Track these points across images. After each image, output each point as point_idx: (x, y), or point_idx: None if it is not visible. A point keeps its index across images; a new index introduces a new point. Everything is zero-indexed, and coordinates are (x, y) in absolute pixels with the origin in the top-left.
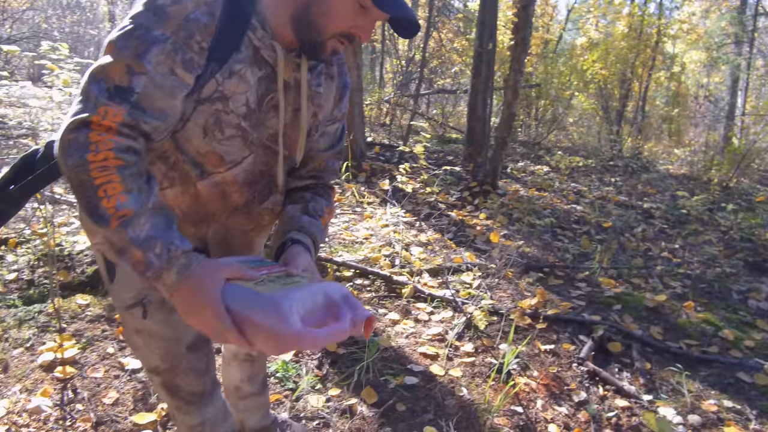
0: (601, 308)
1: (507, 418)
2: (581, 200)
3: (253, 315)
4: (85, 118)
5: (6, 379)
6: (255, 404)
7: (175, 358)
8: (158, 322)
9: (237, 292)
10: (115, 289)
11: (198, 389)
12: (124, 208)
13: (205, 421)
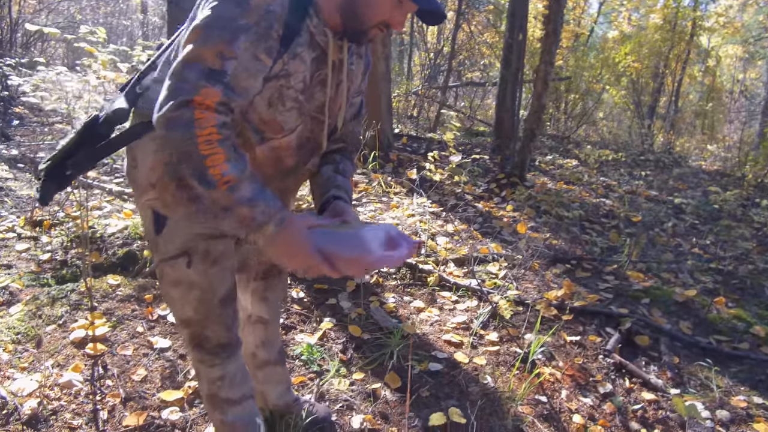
0: (629, 301)
1: (531, 407)
2: (610, 194)
3: (340, 249)
4: (187, 99)
5: (39, 354)
6: (273, 375)
7: (207, 310)
8: (199, 273)
9: (320, 236)
10: (161, 241)
11: (224, 340)
12: (228, 175)
13: (225, 375)
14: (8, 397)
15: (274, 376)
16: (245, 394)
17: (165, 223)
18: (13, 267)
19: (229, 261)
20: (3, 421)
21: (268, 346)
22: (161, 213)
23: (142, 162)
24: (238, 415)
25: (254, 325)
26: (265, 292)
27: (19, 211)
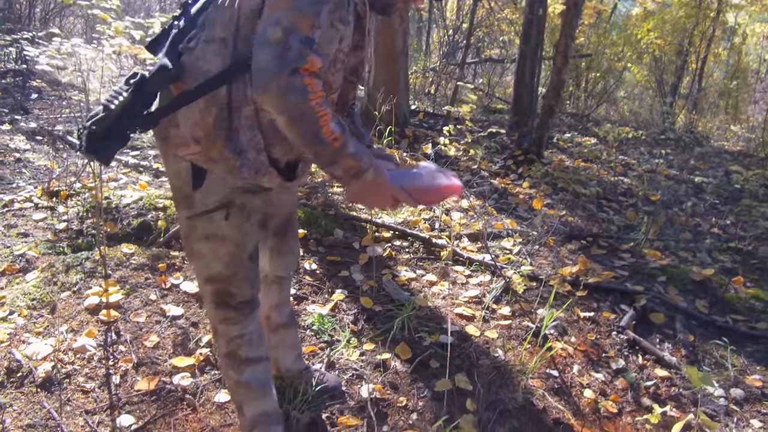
0: (645, 279)
1: (542, 381)
2: (629, 173)
3: (412, 184)
4: (296, 66)
5: (54, 320)
6: (287, 339)
7: (237, 265)
8: (234, 227)
9: (398, 176)
10: (198, 196)
11: (248, 297)
12: (336, 132)
13: (245, 334)
14: (23, 361)
15: (288, 340)
16: (261, 355)
17: (205, 177)
18: (30, 235)
19: (258, 216)
20: (18, 384)
21: (281, 307)
22: (202, 167)
23: (184, 118)
24: (253, 375)
25: (270, 286)
26: (283, 248)
27: (36, 182)
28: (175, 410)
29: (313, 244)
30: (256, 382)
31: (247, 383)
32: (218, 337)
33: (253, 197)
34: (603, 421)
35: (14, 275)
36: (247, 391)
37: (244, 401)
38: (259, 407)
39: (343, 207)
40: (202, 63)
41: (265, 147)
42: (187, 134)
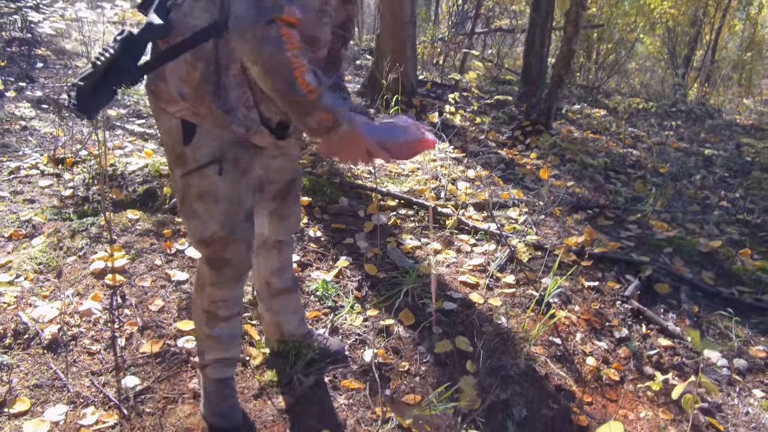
0: (651, 250)
1: (544, 348)
2: (638, 145)
3: (389, 138)
4: (272, 16)
5: (60, 284)
6: (288, 303)
7: (233, 225)
8: (228, 182)
9: (375, 130)
10: (189, 151)
11: (244, 265)
12: (312, 84)
13: (230, 298)
14: (30, 323)
15: (290, 305)
16: (234, 312)
17: (195, 131)
18: (36, 202)
19: (253, 174)
20: (25, 345)
21: (282, 273)
22: (191, 122)
23: (171, 72)
24: (224, 330)
25: (270, 251)
26: (284, 211)
27: (42, 150)
28: (179, 372)
29: (317, 212)
30: (226, 335)
31: (218, 337)
32: (202, 295)
33: (245, 152)
34: (605, 389)
35: (21, 240)
36: (215, 343)
37: (207, 350)
38: (219, 354)
39: (348, 176)
40: (190, 19)
41: (255, 104)
42: (173, 90)
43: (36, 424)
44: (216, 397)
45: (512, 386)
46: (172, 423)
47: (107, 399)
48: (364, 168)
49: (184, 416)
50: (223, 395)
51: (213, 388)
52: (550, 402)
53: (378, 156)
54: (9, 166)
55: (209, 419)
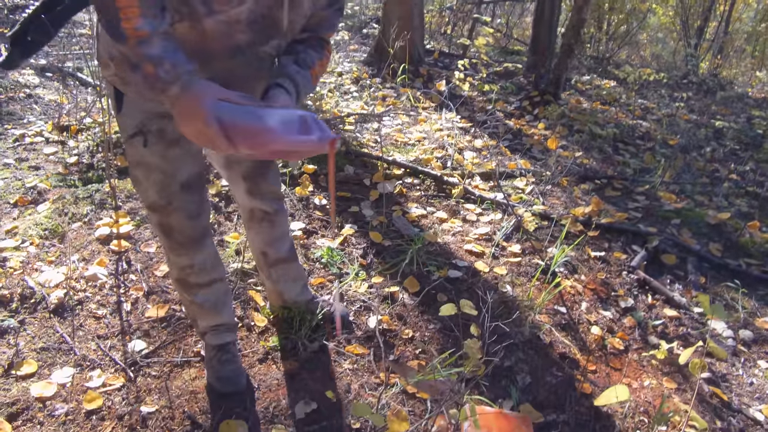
0: (659, 221)
1: (549, 316)
2: (648, 116)
3: (238, 120)
4: None
5: (65, 249)
6: (287, 272)
7: (169, 195)
8: (155, 154)
9: (226, 107)
10: (121, 120)
11: (188, 231)
12: (141, 30)
13: (194, 264)
14: (36, 288)
15: (289, 273)
16: (215, 278)
17: (123, 101)
18: (41, 168)
19: (191, 145)
20: (31, 309)
21: (277, 243)
22: (120, 90)
23: (103, 34)
24: (206, 296)
25: (260, 223)
26: (260, 190)
27: (47, 117)
28: (185, 336)
29: (323, 180)
30: (209, 303)
31: (201, 304)
32: (168, 264)
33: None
34: (609, 358)
35: (26, 206)
36: (200, 310)
37: (197, 317)
38: (212, 321)
39: (354, 144)
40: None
41: None
42: (104, 52)
43: (43, 386)
44: (217, 363)
45: (516, 353)
46: (178, 386)
47: (113, 362)
48: (370, 138)
49: (190, 379)
50: (223, 360)
51: (213, 354)
52: (554, 369)
53: (213, 137)
54: (14, 133)
55: (212, 383)
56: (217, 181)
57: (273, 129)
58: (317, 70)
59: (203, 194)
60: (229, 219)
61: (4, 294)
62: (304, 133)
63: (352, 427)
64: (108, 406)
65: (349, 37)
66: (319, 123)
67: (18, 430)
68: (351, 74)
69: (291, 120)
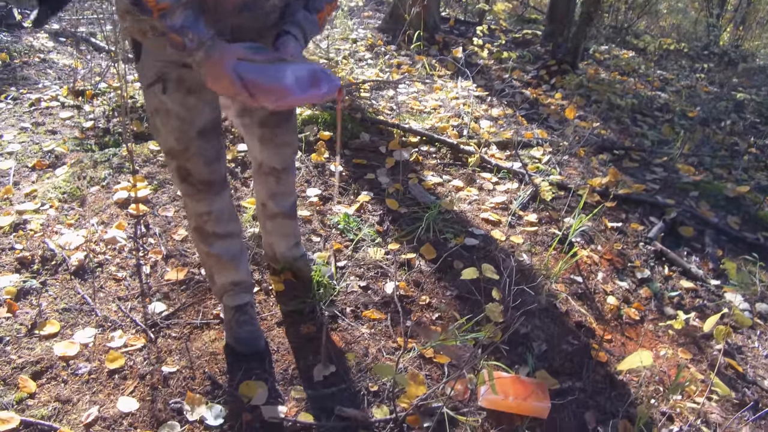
0: (677, 193)
1: (565, 285)
2: (667, 88)
3: (258, 78)
4: None
5: (84, 212)
6: (282, 228)
7: (187, 141)
8: (175, 101)
9: (246, 66)
10: (140, 68)
11: (205, 176)
12: (163, 2)
13: (212, 211)
14: (57, 250)
15: (284, 228)
16: (232, 231)
17: (141, 50)
18: (58, 133)
19: (208, 93)
20: (52, 271)
21: (279, 198)
22: (138, 40)
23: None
24: (223, 248)
25: (266, 176)
26: (275, 139)
27: (61, 82)
28: (204, 299)
29: None
30: (227, 255)
31: (218, 255)
32: (187, 211)
33: (191, 72)
34: (624, 327)
35: (44, 170)
36: (217, 262)
37: (214, 271)
38: (229, 277)
39: (370, 111)
40: None
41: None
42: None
43: (66, 345)
44: (235, 324)
45: (533, 321)
46: (198, 347)
47: (134, 323)
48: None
49: (209, 341)
50: (241, 321)
51: (231, 315)
52: (569, 338)
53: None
54: (29, 98)
55: (231, 344)
56: (233, 147)
57: (288, 87)
58: (325, 13)
59: (219, 141)
60: (246, 185)
61: (26, 256)
62: (314, 86)
63: (370, 389)
64: (130, 365)
65: (363, 4)
66: (326, 73)
67: (43, 387)
68: (366, 41)
69: (302, 75)
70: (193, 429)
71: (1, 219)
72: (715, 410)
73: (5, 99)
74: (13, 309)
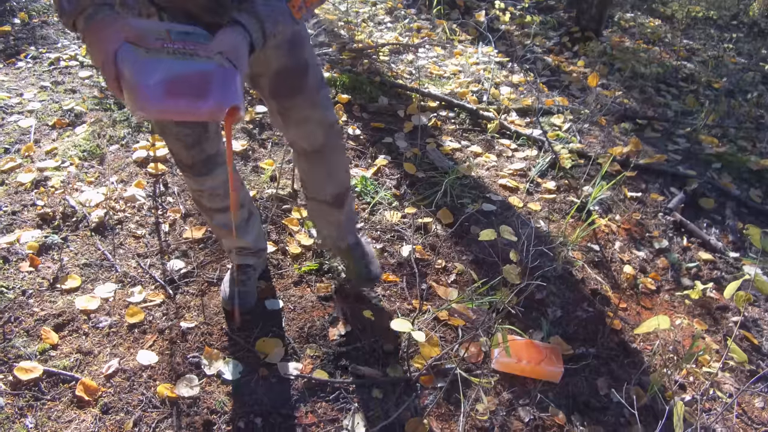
0: (699, 164)
1: (582, 253)
2: (693, 58)
3: (124, 69)
4: None
5: (104, 170)
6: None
7: (162, 125)
8: None
9: (126, 52)
10: None
11: (185, 160)
12: None
13: (203, 189)
14: (77, 207)
15: (327, 216)
16: (222, 206)
17: None
18: (77, 92)
19: None
20: (73, 227)
21: (316, 185)
22: None
23: None
24: (222, 222)
25: (299, 157)
26: (291, 114)
27: (80, 41)
28: (221, 258)
29: (357, 110)
30: (226, 227)
31: (219, 227)
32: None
33: None
34: (640, 297)
35: (64, 128)
36: (219, 231)
37: (220, 237)
38: (234, 243)
39: (389, 75)
40: None
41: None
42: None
43: (87, 299)
44: (232, 280)
45: (548, 287)
46: (215, 304)
47: (153, 280)
48: (404, 69)
49: None
50: (239, 280)
51: (233, 270)
52: (585, 305)
53: (109, 83)
54: (49, 57)
55: (222, 296)
56: (251, 108)
57: (145, 88)
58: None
59: (201, 126)
60: (263, 146)
61: (47, 212)
62: (198, 96)
63: (385, 349)
64: (149, 320)
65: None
66: (227, 83)
67: (65, 339)
68: (385, 4)
69: (182, 76)
70: (211, 382)
71: (23, 176)
72: (729, 380)
73: (25, 58)
74: (36, 263)
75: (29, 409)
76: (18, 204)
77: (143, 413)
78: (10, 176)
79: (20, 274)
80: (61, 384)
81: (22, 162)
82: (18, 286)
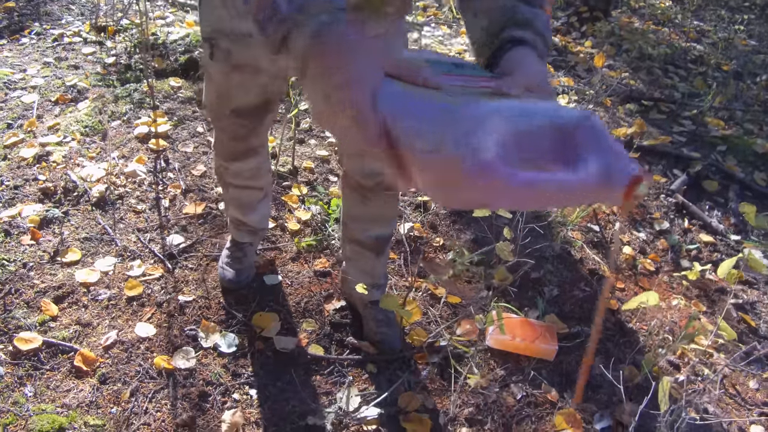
0: (704, 146)
1: (581, 234)
2: (703, 39)
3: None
4: None
5: (105, 146)
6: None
7: (219, 111)
8: (218, 71)
9: (395, 93)
10: (200, 15)
11: (228, 149)
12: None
13: (229, 168)
14: (78, 181)
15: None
16: (250, 185)
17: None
18: (80, 68)
19: (257, 77)
20: (74, 202)
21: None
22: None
23: None
24: (235, 196)
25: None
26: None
27: (84, 18)
28: (221, 233)
29: None
30: (238, 201)
31: (231, 199)
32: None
33: (241, 48)
34: (638, 277)
35: (67, 104)
36: (230, 201)
37: (228, 206)
38: (237, 216)
39: None
40: None
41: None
42: None
43: (87, 272)
44: (226, 255)
45: (546, 266)
46: (214, 279)
47: (153, 254)
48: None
49: None
50: (234, 257)
51: (229, 246)
52: (582, 284)
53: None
54: (52, 33)
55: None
56: None
57: (479, 156)
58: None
59: (258, 121)
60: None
61: (49, 186)
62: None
63: None
64: (148, 293)
65: None
66: (597, 133)
67: (64, 311)
68: None
69: (530, 133)
70: (207, 355)
71: (26, 150)
72: (723, 362)
73: (29, 34)
74: (37, 237)
75: (28, 378)
76: (20, 178)
77: (140, 384)
78: (13, 151)
79: (21, 247)
80: (60, 354)
81: (24, 137)
82: (19, 258)
